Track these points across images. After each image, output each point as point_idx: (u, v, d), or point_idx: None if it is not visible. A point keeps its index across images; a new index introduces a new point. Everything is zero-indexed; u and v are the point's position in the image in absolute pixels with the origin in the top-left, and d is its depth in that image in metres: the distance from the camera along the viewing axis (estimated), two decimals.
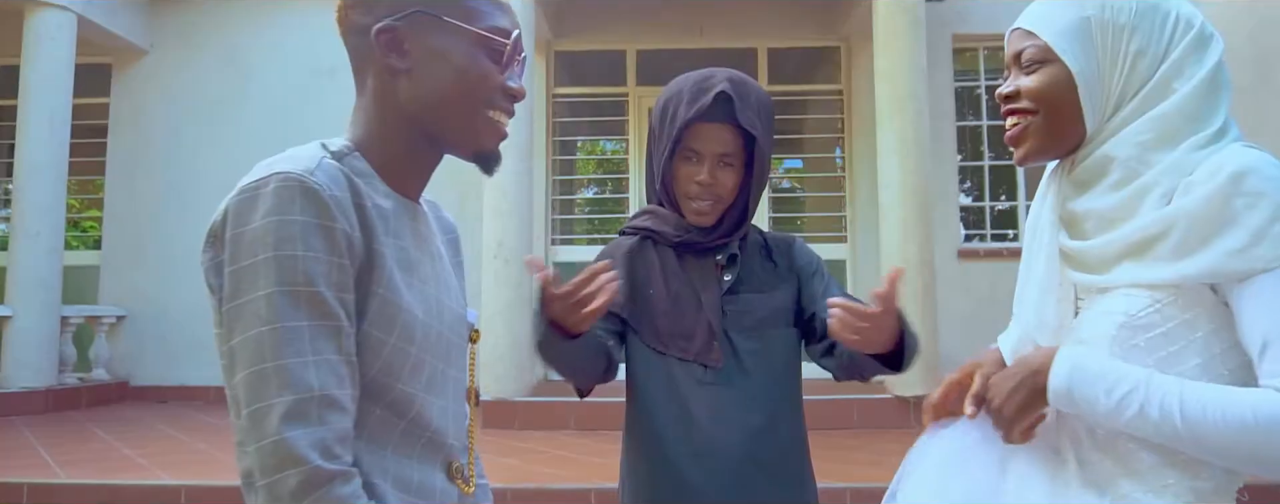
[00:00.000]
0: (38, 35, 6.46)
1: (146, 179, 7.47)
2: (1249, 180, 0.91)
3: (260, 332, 0.81)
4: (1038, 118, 1.07)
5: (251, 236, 0.82)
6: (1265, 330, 0.90)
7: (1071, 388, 0.98)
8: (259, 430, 0.79)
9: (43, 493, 3.87)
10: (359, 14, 0.98)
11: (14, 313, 6.26)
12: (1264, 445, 0.87)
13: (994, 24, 7.17)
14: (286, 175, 0.84)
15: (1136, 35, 1.02)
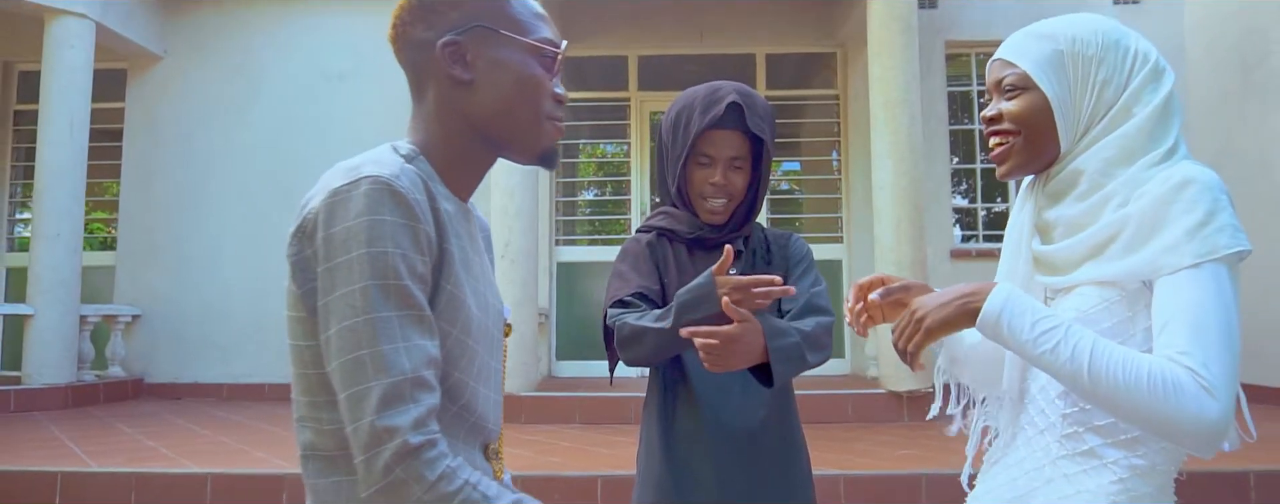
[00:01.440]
0: (57, 42, 6.64)
1: (160, 181, 7.66)
2: (1190, 189, 1.04)
3: (356, 321, 0.89)
4: (1019, 139, 1.19)
5: (346, 235, 0.90)
6: (1170, 312, 1.02)
7: (1002, 313, 1.06)
8: (358, 411, 0.87)
9: (75, 481, 4.05)
10: (420, 29, 1.06)
11: (36, 311, 6.45)
12: (1148, 403, 0.98)
13: (986, 31, 7.38)
14: (376, 179, 0.92)
15: (1103, 66, 1.15)
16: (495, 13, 1.06)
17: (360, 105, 7.58)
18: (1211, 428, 0.97)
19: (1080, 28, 1.18)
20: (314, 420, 0.97)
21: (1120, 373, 0.99)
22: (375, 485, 0.86)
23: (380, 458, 0.86)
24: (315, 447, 0.97)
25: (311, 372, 0.97)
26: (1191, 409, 0.96)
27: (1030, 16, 5.08)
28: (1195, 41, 7.19)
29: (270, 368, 7.40)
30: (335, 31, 7.68)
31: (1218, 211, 1.03)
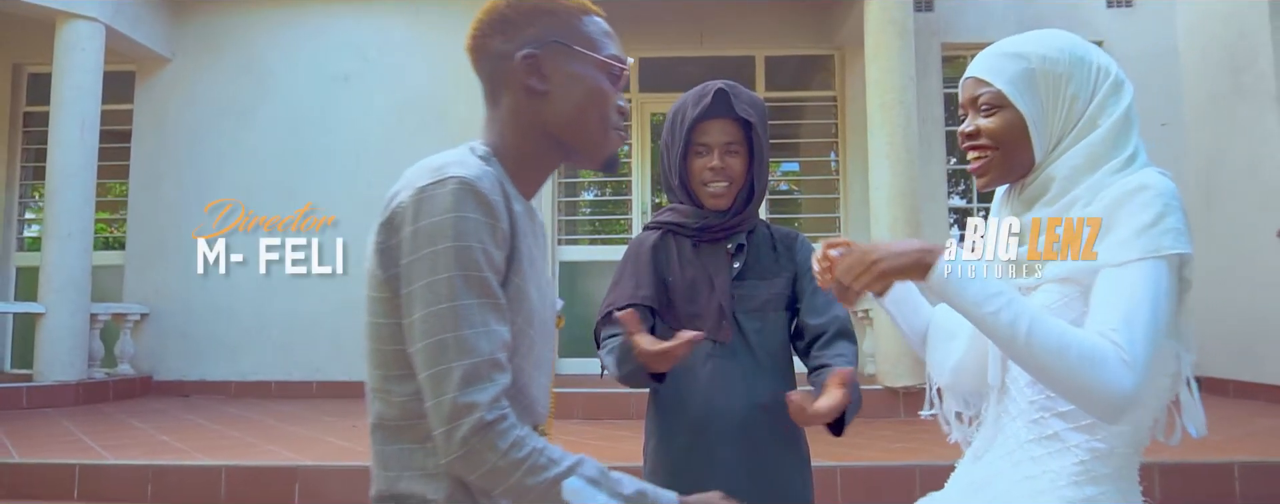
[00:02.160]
0: (68, 45, 6.75)
1: (169, 182, 7.76)
2: (1145, 193, 1.12)
3: (441, 308, 0.98)
4: (997, 153, 1.26)
5: (433, 229, 0.99)
6: (1107, 297, 1.10)
7: (953, 273, 1.12)
8: (440, 388, 0.97)
9: (93, 474, 4.16)
10: (499, 42, 1.14)
11: (47, 310, 6.56)
12: (1072, 369, 1.05)
13: (981, 33, 7.49)
14: (462, 180, 1.01)
15: (1072, 82, 1.22)
16: (570, 30, 1.15)
17: (366, 106, 7.69)
18: (1121, 398, 1.04)
19: (1048, 46, 1.24)
20: (385, 392, 1.06)
21: (1053, 341, 1.06)
22: (454, 455, 0.97)
23: (459, 430, 0.96)
24: (384, 417, 1.06)
25: (387, 348, 1.05)
26: (1108, 379, 1.03)
27: (1025, 19, 5.30)
28: (1187, 44, 7.30)
29: (276, 366, 7.52)
30: (341, 34, 7.80)
31: (1167, 215, 1.11)
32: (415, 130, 7.65)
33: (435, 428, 0.98)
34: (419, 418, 1.02)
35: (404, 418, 1.04)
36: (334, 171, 7.63)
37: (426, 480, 1.02)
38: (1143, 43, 7.41)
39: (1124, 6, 7.48)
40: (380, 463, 1.07)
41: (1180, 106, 7.30)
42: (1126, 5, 7.48)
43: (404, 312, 1.01)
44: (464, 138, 5.19)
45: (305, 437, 5.07)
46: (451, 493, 1.01)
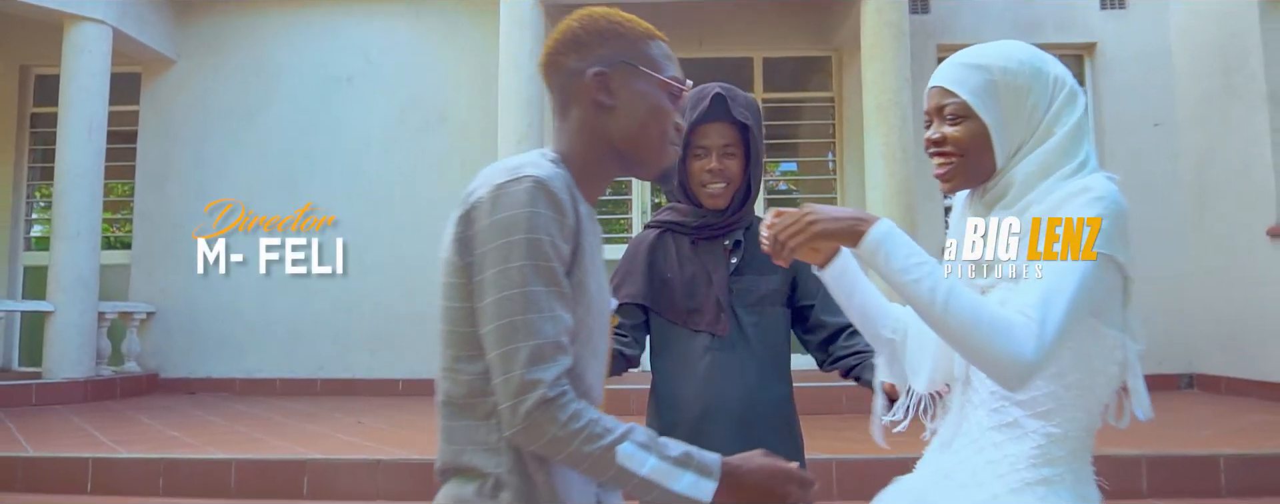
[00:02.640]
0: (76, 47, 6.85)
1: (174, 183, 7.85)
2: (1087, 195, 1.20)
3: (512, 293, 1.06)
4: (962, 160, 1.31)
5: (508, 222, 1.08)
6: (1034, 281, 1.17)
7: (883, 242, 1.19)
8: (509, 365, 1.06)
9: (106, 467, 4.26)
10: (572, 60, 1.23)
11: (56, 309, 6.66)
12: (982, 336, 1.12)
13: (976, 35, 7.57)
14: (536, 179, 1.09)
15: (1031, 92, 1.28)
16: (637, 52, 1.24)
17: (369, 107, 7.79)
18: (1024, 367, 1.12)
19: (1009, 58, 1.30)
20: (454, 371, 1.14)
21: (968, 311, 1.14)
22: (518, 427, 1.05)
23: (524, 404, 1.04)
24: (451, 395, 1.15)
25: (459, 329, 1.13)
26: (1013, 349, 1.11)
27: (1020, 21, 5.42)
28: (1180, 45, 7.39)
29: (280, 363, 7.61)
30: (344, 35, 7.89)
31: (1104, 217, 1.18)
32: (417, 131, 7.75)
33: (502, 402, 1.06)
34: (483, 396, 1.11)
35: (470, 396, 1.13)
36: (337, 172, 7.73)
37: (488, 454, 1.11)
38: (1136, 44, 7.51)
39: (1117, 8, 7.57)
40: (446, 437, 1.16)
41: (1173, 107, 7.39)
42: (1120, 7, 7.58)
43: (477, 296, 1.10)
44: (465, 139, 5.47)
45: (311, 432, 5.17)
46: (512, 466, 1.10)
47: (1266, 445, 4.35)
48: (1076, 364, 1.22)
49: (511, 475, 1.10)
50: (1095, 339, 1.21)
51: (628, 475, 1.06)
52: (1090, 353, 1.22)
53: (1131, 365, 1.24)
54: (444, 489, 1.17)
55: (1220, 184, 6.89)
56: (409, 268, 7.63)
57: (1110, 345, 1.22)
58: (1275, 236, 6.19)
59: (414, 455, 4.31)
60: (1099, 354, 1.22)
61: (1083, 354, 1.22)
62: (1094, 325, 1.21)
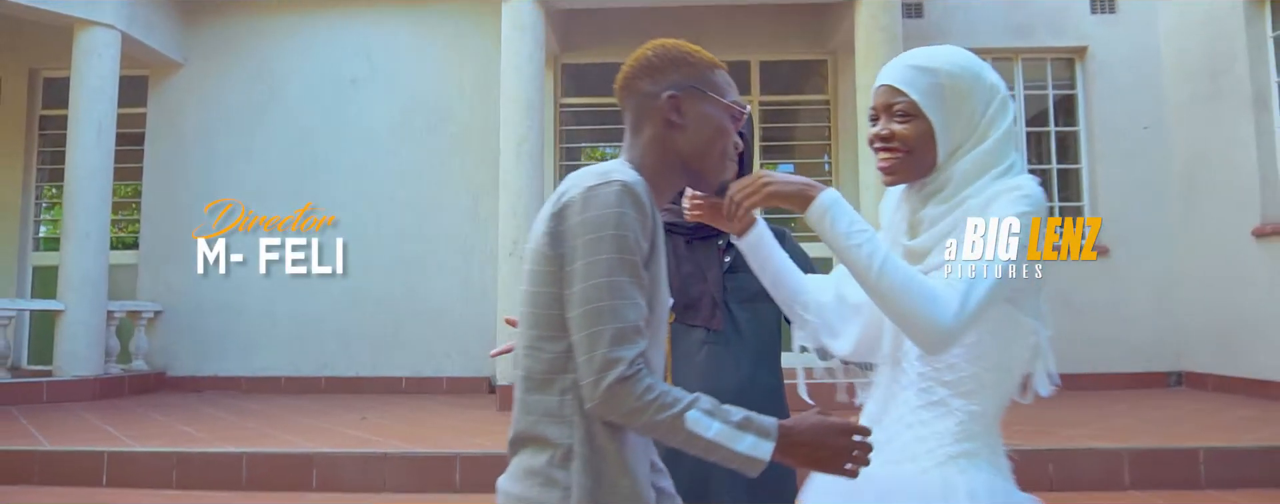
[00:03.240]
0: (86, 51, 6.98)
1: (181, 184, 7.98)
2: (1016, 193, 1.32)
3: (599, 282, 1.20)
4: (908, 156, 1.41)
5: (599, 219, 1.22)
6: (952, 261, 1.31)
7: (829, 208, 1.32)
8: (593, 345, 1.19)
9: (120, 460, 4.39)
10: (647, 83, 1.38)
11: (66, 307, 6.79)
12: (909, 301, 1.25)
13: (971, 38, 7.70)
14: (625, 183, 1.24)
15: (972, 97, 1.38)
16: (704, 78, 1.39)
17: (373, 108, 7.93)
18: (942, 334, 1.25)
19: (954, 63, 1.40)
20: (537, 350, 1.27)
21: (901, 277, 1.27)
22: (598, 399, 1.19)
23: (606, 379, 1.18)
24: (532, 371, 1.29)
25: (545, 312, 1.26)
26: (936, 315, 1.24)
27: (1012, 24, 5.59)
28: (1168, 48, 7.53)
29: (286, 361, 7.75)
30: (349, 38, 8.03)
31: (1028, 209, 1.31)
32: (421, 133, 7.89)
33: (585, 378, 1.20)
34: (562, 374, 1.25)
35: (549, 373, 1.26)
36: (341, 173, 7.86)
37: (561, 426, 1.24)
38: (1126, 47, 7.64)
39: (1108, 12, 7.71)
40: (523, 409, 1.29)
41: (1162, 109, 7.53)
42: (1110, 11, 7.71)
43: (566, 284, 1.23)
44: (467, 140, 5.67)
45: (318, 427, 5.30)
46: (583, 437, 1.24)
47: (1245, 439, 4.48)
48: (997, 348, 1.35)
49: (582, 446, 1.23)
50: (1013, 325, 1.35)
51: (695, 438, 1.19)
52: (1008, 338, 1.36)
53: (1043, 349, 1.37)
54: (515, 461, 1.29)
55: (1208, 185, 7.03)
56: (412, 267, 7.79)
57: (1026, 331, 1.36)
58: (1260, 237, 6.33)
59: (418, 449, 4.45)
60: (1016, 339, 1.35)
61: (1002, 339, 1.35)
62: (1012, 313, 1.34)
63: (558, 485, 1.23)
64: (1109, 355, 7.30)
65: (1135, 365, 7.30)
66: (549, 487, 1.24)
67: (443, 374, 7.67)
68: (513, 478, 1.29)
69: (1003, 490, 1.35)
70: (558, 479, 1.24)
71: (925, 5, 7.73)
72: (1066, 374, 5.38)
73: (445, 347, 7.68)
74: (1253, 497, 3.96)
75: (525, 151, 6.40)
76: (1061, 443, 4.43)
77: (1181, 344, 7.28)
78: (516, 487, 1.27)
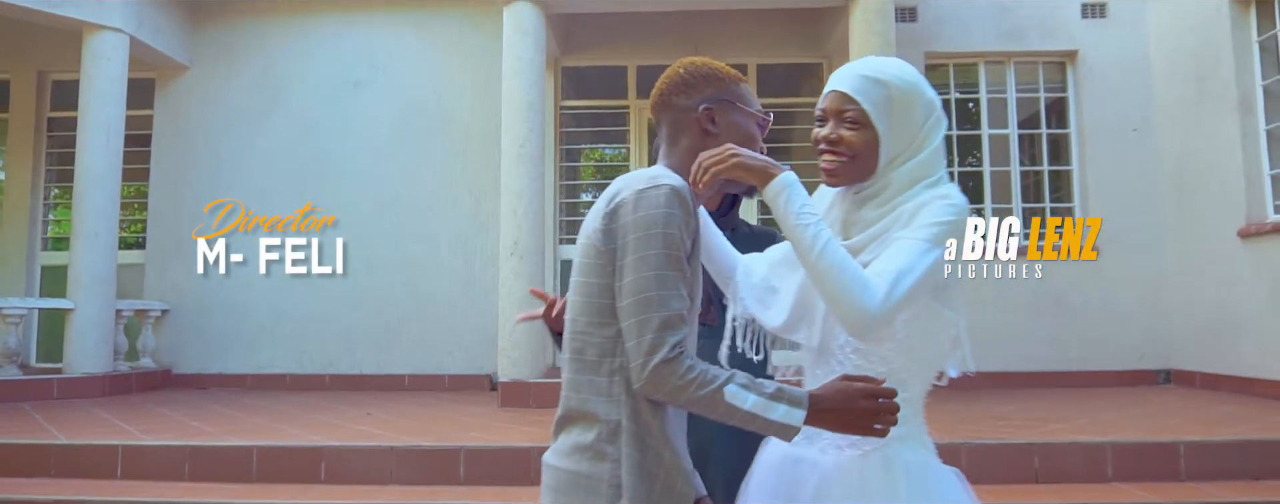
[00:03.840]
0: (95, 55, 7.11)
1: (187, 185, 8.12)
2: (943, 202, 1.44)
3: (649, 275, 1.33)
4: (852, 161, 1.52)
5: (649, 218, 1.35)
6: (894, 255, 1.40)
7: (787, 187, 1.41)
8: (643, 330, 1.32)
9: (134, 453, 4.52)
10: (683, 98, 1.53)
11: (76, 306, 6.92)
12: (842, 285, 1.35)
13: (963, 42, 7.87)
14: (673, 187, 1.37)
15: (915, 111, 1.49)
16: (732, 91, 1.55)
17: (375, 111, 8.07)
18: (867, 318, 1.35)
19: (902, 78, 1.51)
20: (588, 334, 1.40)
21: (839, 261, 1.37)
22: (646, 379, 1.31)
23: (653, 361, 1.31)
24: (583, 354, 1.41)
25: (597, 301, 1.40)
26: (863, 300, 1.34)
27: (1003, 28, 5.79)
28: (1157, 53, 7.67)
29: (290, 359, 7.88)
30: (352, 42, 8.16)
31: (952, 218, 1.43)
32: (422, 135, 8.02)
33: (634, 360, 1.33)
34: (610, 357, 1.38)
35: (599, 356, 1.39)
36: (345, 174, 8.00)
37: (609, 403, 1.38)
38: (1116, 51, 7.78)
39: (1098, 17, 7.85)
40: (573, 388, 1.42)
41: (1151, 111, 7.67)
42: (1101, 16, 7.85)
43: (618, 275, 1.37)
44: (469, 142, 5.90)
45: (325, 422, 5.43)
46: (629, 413, 1.36)
47: (1224, 434, 4.61)
48: (923, 340, 1.48)
49: (629, 421, 1.36)
50: (936, 319, 1.48)
51: (734, 410, 1.31)
52: (932, 330, 1.49)
53: (962, 338, 1.51)
54: (563, 437, 1.42)
55: (1195, 186, 7.17)
56: (414, 267, 7.93)
57: (947, 323, 1.49)
58: (1245, 237, 6.47)
59: (425, 443, 4.58)
60: (938, 330, 1.49)
61: (926, 332, 1.48)
62: (936, 308, 1.48)
63: (607, 458, 1.36)
64: (1100, 354, 7.44)
65: (1126, 363, 7.44)
66: (599, 460, 1.36)
67: (445, 372, 7.81)
68: (561, 454, 1.41)
69: (933, 467, 1.49)
70: (607, 452, 1.36)
71: (919, 9, 7.86)
72: (1059, 372, 5.71)
73: (447, 345, 7.82)
74: (1230, 488, 4.09)
75: (526, 153, 6.53)
76: (1048, 437, 4.57)
77: (1171, 342, 7.42)
78: (566, 462, 1.39)
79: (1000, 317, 7.50)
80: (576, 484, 1.37)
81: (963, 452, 4.30)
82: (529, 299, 6.35)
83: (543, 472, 1.46)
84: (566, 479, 1.39)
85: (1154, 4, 7.71)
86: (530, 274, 6.42)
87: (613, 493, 1.34)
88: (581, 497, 1.36)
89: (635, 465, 1.35)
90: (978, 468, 4.27)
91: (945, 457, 1.55)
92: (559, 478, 1.40)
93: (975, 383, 7.02)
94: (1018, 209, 7.83)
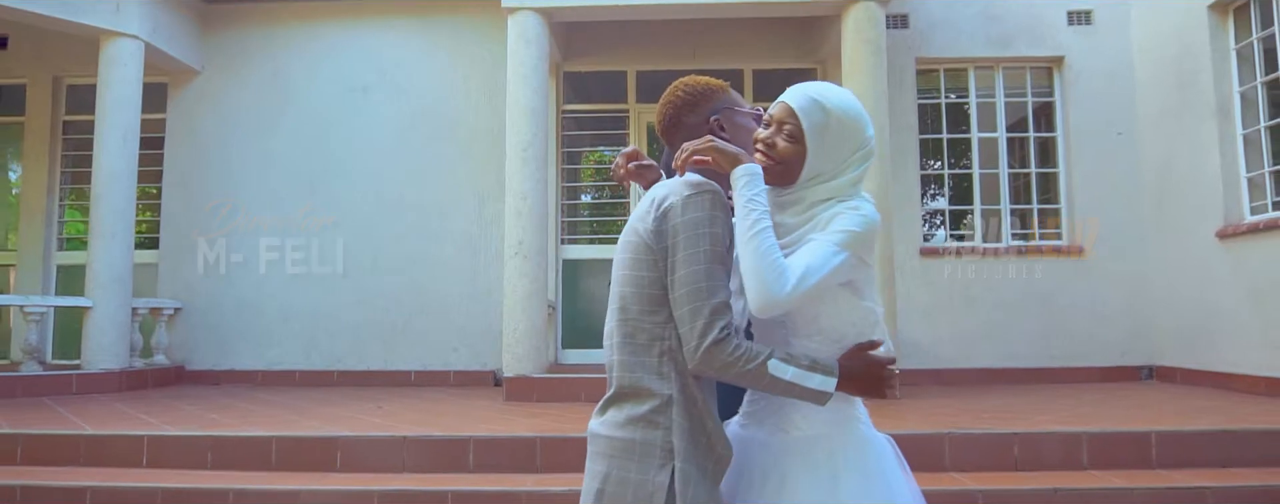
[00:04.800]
0: (112, 61, 7.34)
1: (199, 187, 8.35)
2: (857, 211, 1.64)
3: (699, 268, 1.55)
4: (778, 166, 1.70)
5: (696, 220, 1.59)
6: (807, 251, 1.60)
7: (749, 173, 1.62)
8: (695, 316, 1.54)
9: (159, 443, 4.74)
10: (691, 116, 1.79)
11: (94, 304, 7.15)
12: (763, 268, 1.54)
13: (953, 49, 8.11)
14: (714, 192, 1.62)
15: (846, 142, 1.69)
16: (728, 99, 1.81)
17: (381, 115, 8.30)
18: (772, 301, 1.54)
19: (845, 110, 1.69)
20: (638, 320, 1.64)
21: (766, 246, 1.57)
22: (700, 358, 1.54)
23: (705, 342, 1.54)
24: (633, 337, 1.64)
25: (647, 291, 1.62)
26: (774, 284, 1.54)
27: (993, 35, 6.16)
28: (1141, 59, 7.91)
29: (299, 356, 8.11)
30: (359, 48, 8.39)
31: (859, 229, 1.63)
32: (429, 138, 8.25)
33: (688, 343, 1.56)
34: (660, 339, 1.62)
35: (650, 340, 1.63)
36: (352, 177, 8.24)
37: (660, 380, 1.62)
38: (1101, 58, 8.02)
39: (1084, 24, 8.09)
40: (625, 368, 1.65)
41: (1134, 116, 7.91)
42: (1087, 23, 8.09)
43: (670, 269, 1.60)
44: (473, 145, 6.32)
45: (337, 415, 5.66)
46: (679, 388, 1.60)
47: (1195, 424, 4.85)
48: (847, 330, 1.68)
49: (680, 395, 1.60)
50: (856, 309, 1.68)
51: (777, 381, 1.56)
52: (854, 320, 1.68)
53: (879, 324, 1.71)
54: (614, 411, 1.65)
55: (1176, 189, 7.41)
56: (420, 266, 8.16)
57: (866, 312, 1.70)
58: (1223, 238, 6.70)
59: (435, 433, 4.81)
60: (858, 320, 1.69)
61: (849, 321, 1.68)
62: (855, 300, 1.68)
63: (660, 426, 1.60)
64: (1085, 351, 7.68)
65: (1110, 360, 7.69)
66: (652, 428, 1.60)
67: (450, 368, 8.04)
68: (614, 425, 1.64)
69: (868, 438, 1.70)
70: (659, 421, 1.60)
71: (910, 16, 8.10)
72: (1042, 369, 6.05)
73: (453, 341, 8.05)
74: (1199, 475, 4.32)
75: (530, 156, 6.76)
76: (1027, 427, 4.80)
77: (1153, 340, 7.67)
78: (621, 431, 1.62)
79: (990, 314, 7.75)
80: (631, 449, 1.60)
81: (946, 441, 4.53)
82: (531, 298, 6.59)
83: (591, 441, 1.68)
84: (621, 445, 1.61)
85: (1138, 12, 7.95)
86: (534, 273, 6.65)
87: (665, 455, 1.58)
88: (637, 459, 1.59)
89: (685, 432, 1.59)
90: (960, 456, 4.53)
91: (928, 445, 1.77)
92: (614, 444, 1.62)
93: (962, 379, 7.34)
94: (1006, 210, 8.07)
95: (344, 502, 4.19)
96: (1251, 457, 4.47)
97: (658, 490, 1.56)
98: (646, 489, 1.57)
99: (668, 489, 1.56)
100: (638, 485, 1.57)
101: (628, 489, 1.58)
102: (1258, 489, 4.08)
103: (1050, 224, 8.13)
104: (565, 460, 4.56)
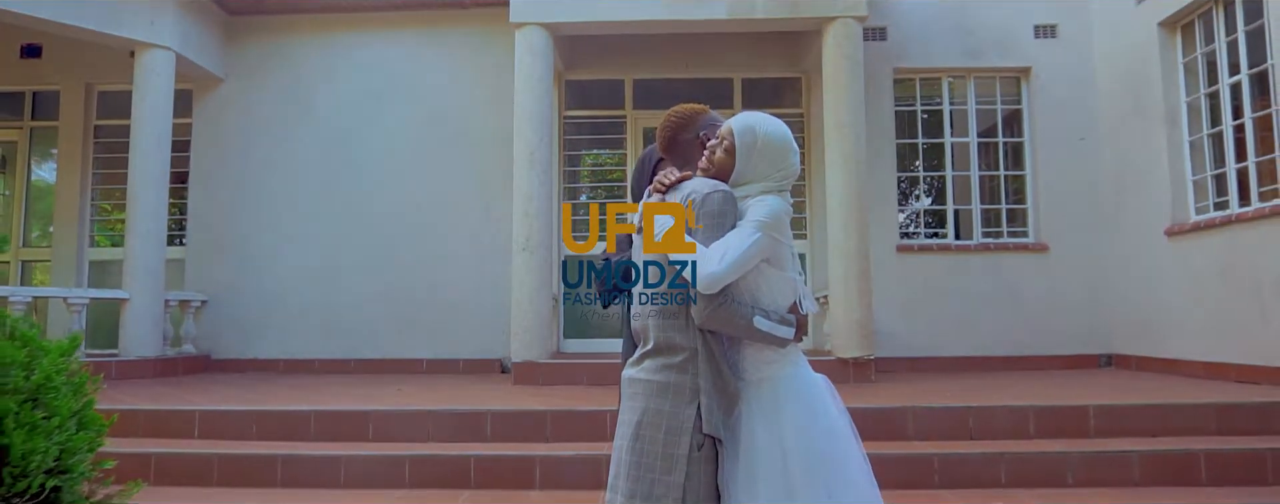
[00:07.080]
0: (146, 70, 7.89)
1: (222, 188, 8.91)
2: (764, 202, 2.08)
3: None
4: (715, 169, 2.16)
5: (716, 212, 2.05)
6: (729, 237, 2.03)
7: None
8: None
9: (210, 417, 5.31)
10: (684, 134, 2.29)
11: (130, 296, 7.71)
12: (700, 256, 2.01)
13: (928, 60, 8.70)
14: (726, 191, 2.09)
15: (767, 161, 2.13)
16: (706, 119, 2.31)
17: (395, 120, 8.87)
18: (708, 278, 1.98)
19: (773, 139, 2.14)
20: (667, 295, 2.10)
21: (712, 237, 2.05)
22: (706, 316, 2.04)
23: (713, 303, 2.03)
24: (668, 304, 2.11)
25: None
26: (706, 266, 1.99)
27: (965, 47, 7.03)
28: (1101, 70, 8.52)
29: (318, 346, 8.67)
30: (375, 58, 8.97)
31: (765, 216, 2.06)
32: (442, 142, 8.83)
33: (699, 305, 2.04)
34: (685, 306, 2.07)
35: (679, 306, 2.09)
36: (368, 179, 8.81)
37: (686, 336, 2.08)
38: (1065, 69, 8.62)
39: (1050, 38, 8.70)
40: (660, 329, 2.10)
41: (1095, 123, 8.52)
42: (1052, 36, 8.70)
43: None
44: (484, 149, 7.31)
45: (362, 394, 6.23)
46: (703, 342, 2.06)
47: (1128, 399, 5.45)
48: (774, 295, 2.13)
49: (702, 348, 2.08)
50: (780, 280, 2.14)
51: (757, 331, 2.06)
52: (777, 288, 2.13)
53: (801, 289, 2.22)
54: (650, 361, 2.10)
55: (1131, 191, 8.02)
56: (432, 262, 8.73)
57: (786, 281, 2.16)
58: (1170, 236, 7.32)
59: (456, 406, 5.39)
60: (780, 288, 2.14)
61: (774, 289, 2.13)
62: (776, 272, 2.12)
63: (687, 372, 2.07)
64: (1047, 340, 8.30)
65: (1071, 349, 8.30)
66: (682, 372, 2.07)
67: (459, 357, 8.61)
68: (651, 371, 2.08)
69: (803, 377, 2.15)
70: (688, 368, 2.08)
71: (888, 29, 8.70)
72: (1009, 357, 6.96)
73: (462, 332, 8.62)
74: (1130, 441, 4.91)
75: (536, 160, 7.33)
76: (982, 402, 5.39)
77: (1110, 330, 8.29)
78: (658, 376, 2.07)
79: (961, 307, 8.36)
80: (666, 388, 2.08)
81: (909, 413, 5.13)
82: (538, 292, 7.17)
83: (628, 385, 2.15)
84: (658, 386, 2.08)
85: (1099, 26, 8.57)
86: (539, 267, 7.21)
87: (692, 394, 2.06)
88: (671, 396, 2.07)
89: (707, 376, 2.07)
90: (922, 426, 5.13)
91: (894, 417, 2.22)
92: (651, 386, 2.07)
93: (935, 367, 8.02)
94: (977, 210, 8.68)
95: (379, 465, 4.76)
96: (1176, 427, 5.07)
97: (687, 419, 2.03)
98: (679, 418, 2.03)
99: (695, 418, 2.03)
100: (671, 415, 2.03)
101: (663, 418, 2.04)
102: (1179, 453, 4.67)
103: (1018, 222, 8.75)
104: (573, 431, 5.14)
